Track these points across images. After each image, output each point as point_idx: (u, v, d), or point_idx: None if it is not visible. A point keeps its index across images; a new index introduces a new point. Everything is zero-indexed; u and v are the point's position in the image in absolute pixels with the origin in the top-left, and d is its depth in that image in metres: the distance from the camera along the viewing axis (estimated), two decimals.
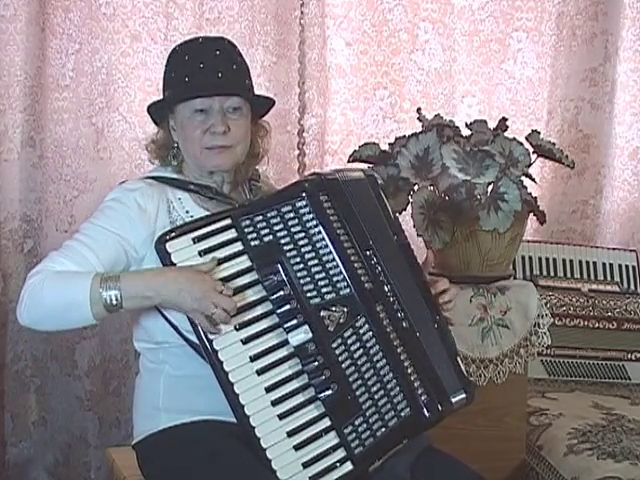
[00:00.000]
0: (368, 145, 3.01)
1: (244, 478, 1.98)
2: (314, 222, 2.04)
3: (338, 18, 3.61)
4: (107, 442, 3.42)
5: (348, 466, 1.99)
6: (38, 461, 3.47)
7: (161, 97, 2.27)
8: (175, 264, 2.02)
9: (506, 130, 2.93)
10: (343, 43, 3.62)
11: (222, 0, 3.46)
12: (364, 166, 2.91)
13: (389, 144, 2.94)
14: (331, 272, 2.03)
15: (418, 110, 3.03)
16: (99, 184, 3.42)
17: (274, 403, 1.99)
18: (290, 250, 2.04)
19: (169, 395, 2.15)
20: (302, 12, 3.56)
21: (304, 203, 2.05)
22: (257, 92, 2.28)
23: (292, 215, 2.05)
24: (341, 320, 2.02)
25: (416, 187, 2.83)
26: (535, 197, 2.91)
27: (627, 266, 3.77)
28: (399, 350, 2.01)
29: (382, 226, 2.16)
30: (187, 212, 2.17)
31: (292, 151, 3.58)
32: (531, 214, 2.93)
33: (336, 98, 3.63)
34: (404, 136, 2.91)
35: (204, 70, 2.14)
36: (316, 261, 2.03)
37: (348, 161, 3.04)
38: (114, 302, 1.99)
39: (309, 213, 2.05)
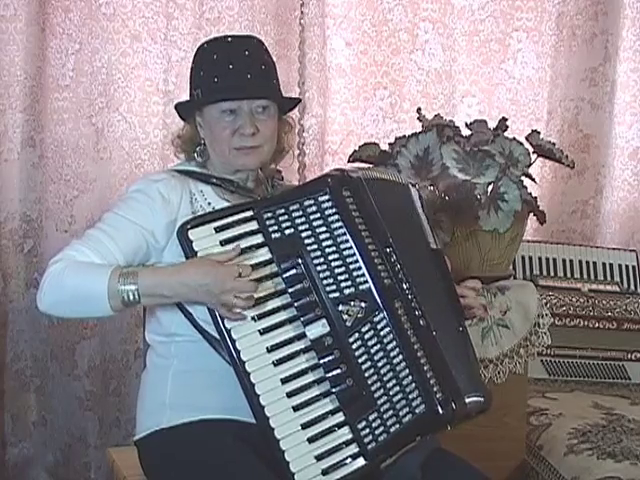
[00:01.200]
0: (368, 145, 3.01)
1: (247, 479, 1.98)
2: (336, 217, 2.05)
3: (338, 18, 3.61)
4: (107, 442, 3.42)
5: (360, 461, 1.98)
6: (38, 461, 3.47)
7: (187, 95, 2.25)
8: (197, 252, 2.02)
9: (506, 130, 2.93)
10: (343, 43, 3.62)
11: (222, 0, 3.46)
12: (365, 166, 2.91)
13: (389, 144, 2.94)
14: (351, 267, 2.03)
15: (418, 110, 3.03)
16: (99, 184, 3.42)
17: (289, 395, 1.99)
18: (311, 244, 2.05)
19: (176, 391, 2.15)
20: (302, 12, 3.56)
21: (327, 198, 2.06)
22: None
23: (314, 209, 2.06)
24: (359, 315, 2.02)
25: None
26: (535, 197, 2.90)
27: (627, 266, 3.77)
28: (416, 347, 2.00)
29: (408, 228, 2.17)
30: (209, 204, 2.18)
31: (292, 151, 3.57)
32: (531, 214, 2.93)
33: (336, 98, 3.63)
34: (404, 136, 2.91)
35: (233, 71, 2.14)
36: (336, 255, 2.04)
37: (348, 161, 3.03)
38: (131, 298, 2.00)
39: (331, 208, 2.05)
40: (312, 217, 2.06)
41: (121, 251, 2.09)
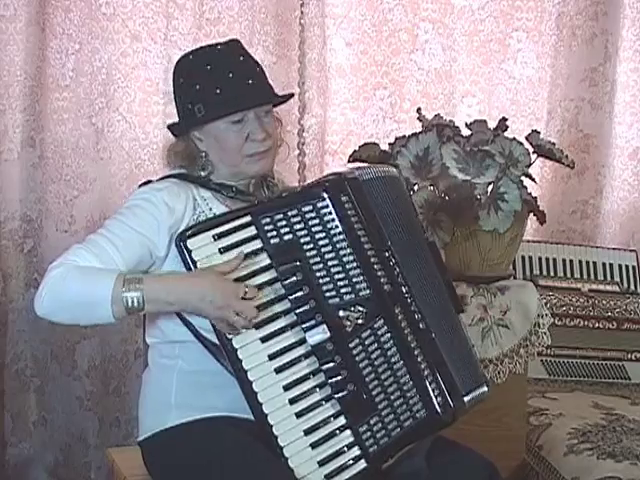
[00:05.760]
0: (368, 145, 3.01)
1: (257, 473, 1.98)
2: (335, 223, 2.05)
3: (338, 18, 3.61)
4: (107, 442, 3.42)
5: (362, 464, 2.00)
6: (38, 461, 3.47)
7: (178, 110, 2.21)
8: (196, 261, 2.02)
9: (506, 130, 2.93)
10: (343, 43, 3.62)
11: (222, 0, 3.46)
12: (361, 166, 2.91)
13: (389, 144, 2.94)
14: (350, 273, 2.04)
15: (418, 110, 3.03)
16: (99, 184, 3.42)
17: (292, 401, 2.01)
18: (310, 250, 2.05)
19: (182, 391, 2.15)
20: (302, 12, 3.56)
21: (325, 204, 2.06)
22: None
23: (313, 215, 2.06)
24: (359, 321, 2.03)
25: (416, 187, 2.83)
26: (535, 197, 2.90)
27: (627, 266, 3.77)
28: (416, 352, 2.03)
29: (405, 223, 2.17)
30: (211, 209, 2.17)
31: (292, 151, 3.57)
32: (531, 214, 2.93)
33: (336, 98, 3.63)
34: (404, 136, 2.91)
35: (234, 79, 2.12)
36: (336, 262, 2.04)
37: (348, 161, 3.03)
38: (135, 304, 1.98)
39: (330, 214, 2.06)
40: (311, 223, 2.06)
41: (124, 259, 2.06)
